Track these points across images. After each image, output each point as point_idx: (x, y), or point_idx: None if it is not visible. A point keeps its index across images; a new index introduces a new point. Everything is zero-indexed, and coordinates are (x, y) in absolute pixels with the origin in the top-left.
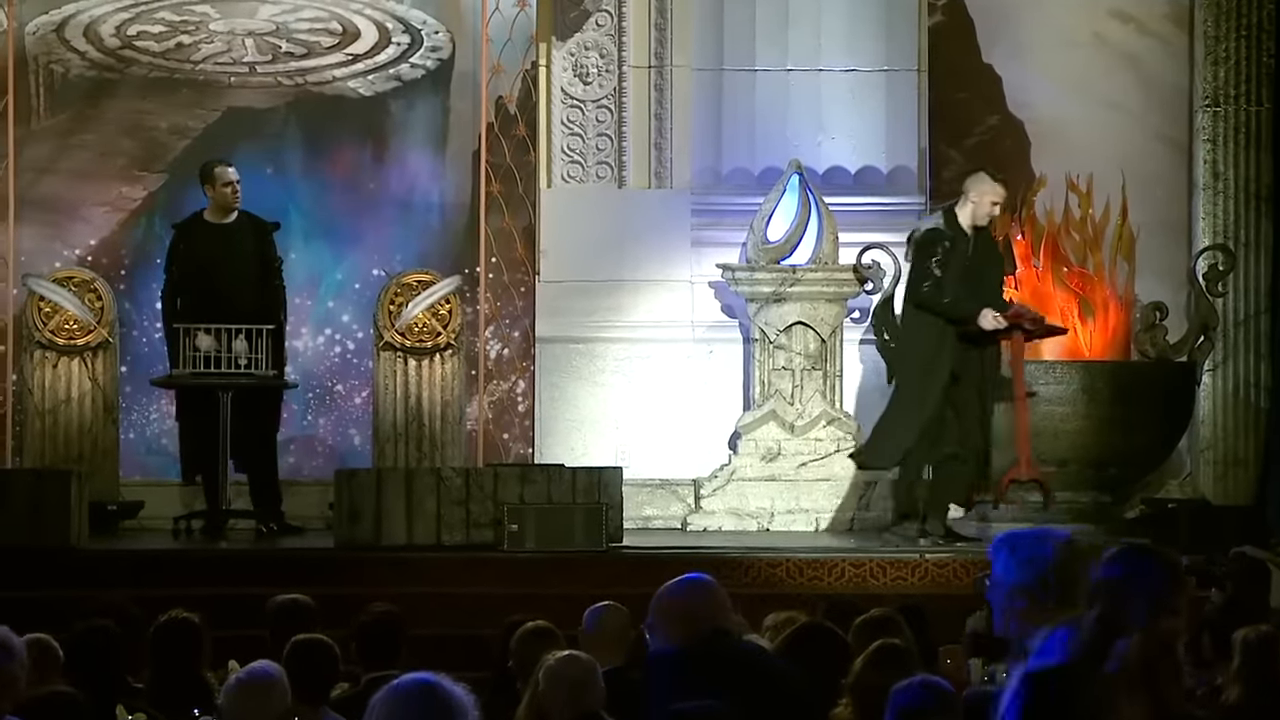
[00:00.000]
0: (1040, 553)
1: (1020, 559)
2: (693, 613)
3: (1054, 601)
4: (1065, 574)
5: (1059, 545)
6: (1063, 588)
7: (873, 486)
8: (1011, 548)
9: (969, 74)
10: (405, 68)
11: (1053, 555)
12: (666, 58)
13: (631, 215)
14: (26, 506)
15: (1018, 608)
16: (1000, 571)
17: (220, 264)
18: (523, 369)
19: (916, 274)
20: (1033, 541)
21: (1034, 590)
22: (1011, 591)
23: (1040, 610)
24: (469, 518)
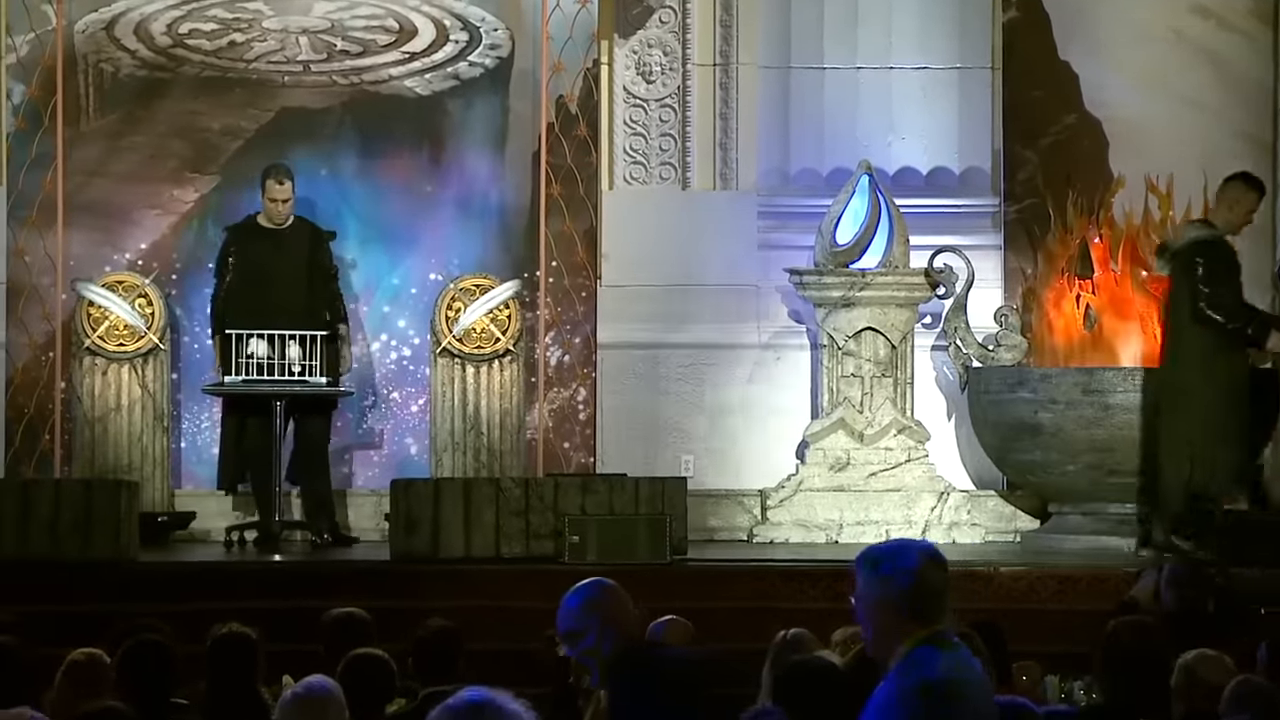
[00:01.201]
0: (903, 567)
1: (883, 573)
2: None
3: (917, 615)
4: (927, 587)
5: (921, 558)
6: (925, 601)
7: (944, 497)
8: (873, 562)
9: (1044, 71)
10: (463, 66)
11: (916, 569)
12: (732, 55)
13: (696, 218)
14: (76, 518)
15: (881, 623)
16: (864, 588)
17: (272, 269)
18: (584, 376)
19: (1211, 285)
20: (895, 556)
21: (897, 604)
22: (874, 607)
23: (901, 625)
24: (528, 529)
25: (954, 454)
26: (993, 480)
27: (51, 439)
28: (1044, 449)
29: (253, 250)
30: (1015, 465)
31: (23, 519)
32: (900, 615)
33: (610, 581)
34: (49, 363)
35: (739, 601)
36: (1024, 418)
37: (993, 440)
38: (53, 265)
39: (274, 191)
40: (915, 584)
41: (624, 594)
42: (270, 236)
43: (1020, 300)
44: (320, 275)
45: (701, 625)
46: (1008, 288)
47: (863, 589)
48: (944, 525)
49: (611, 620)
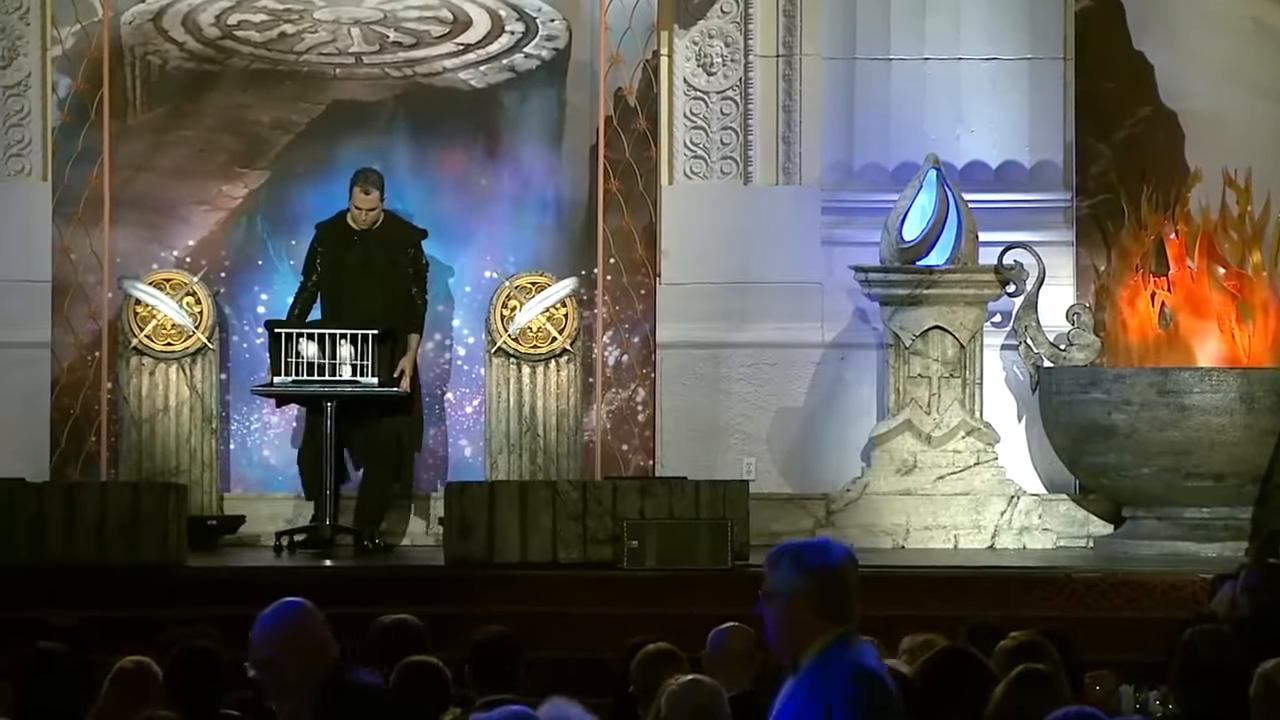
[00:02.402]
0: (825, 562)
1: (804, 568)
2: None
3: (831, 613)
4: (846, 585)
5: (843, 556)
6: (842, 599)
7: (1014, 501)
8: (795, 557)
9: (1118, 62)
10: (519, 58)
11: (836, 565)
12: (795, 46)
13: (758, 213)
14: (123, 521)
15: (795, 619)
16: (781, 582)
17: (353, 271)
18: (643, 376)
19: None
20: (817, 551)
21: (815, 601)
22: (791, 602)
23: (816, 622)
24: (586, 534)
25: (1024, 457)
26: (1065, 484)
27: (98, 441)
28: (1118, 451)
29: (336, 251)
30: (1088, 468)
31: (69, 522)
32: (816, 612)
33: (306, 604)
34: (95, 363)
35: None
36: (1097, 419)
37: (1064, 442)
38: (99, 263)
39: (359, 200)
40: (835, 581)
41: (320, 617)
42: (355, 237)
43: (1093, 298)
44: (400, 278)
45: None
46: (1080, 285)
47: (780, 583)
48: (1014, 530)
49: (307, 646)
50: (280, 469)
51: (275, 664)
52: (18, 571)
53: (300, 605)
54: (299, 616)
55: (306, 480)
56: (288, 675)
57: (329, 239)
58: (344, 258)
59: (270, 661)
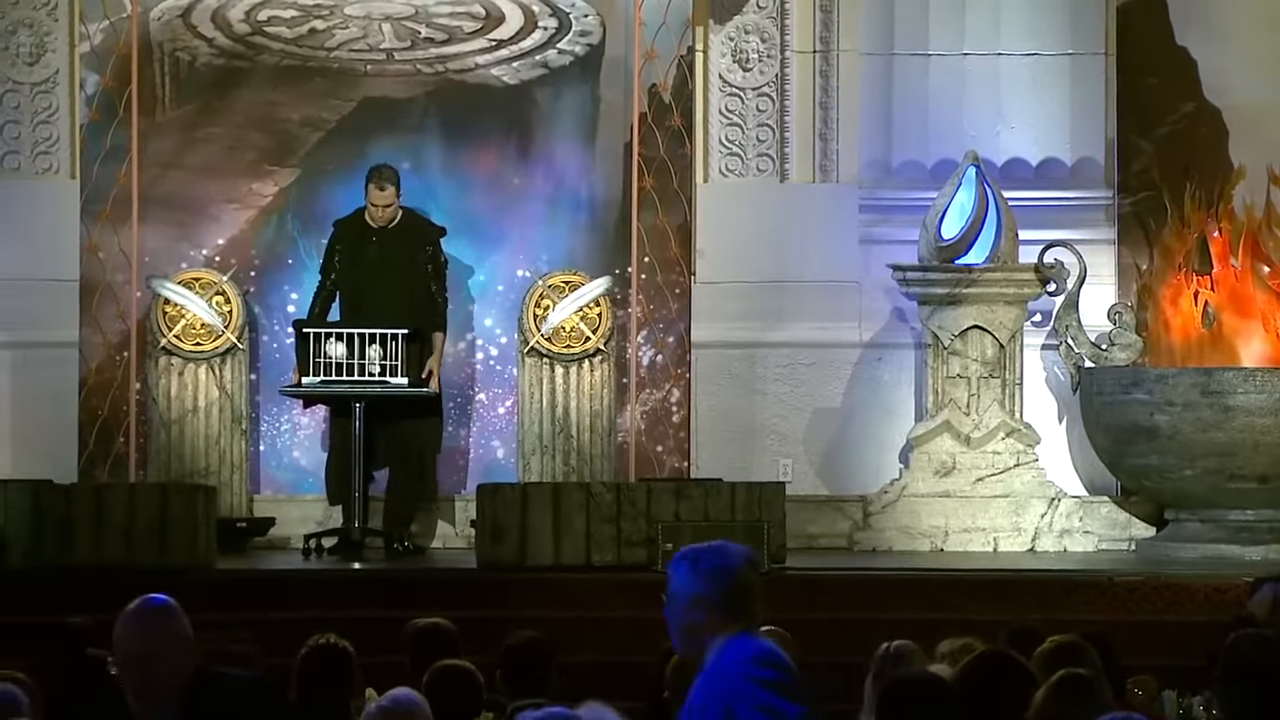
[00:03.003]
0: (724, 565)
1: (703, 571)
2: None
3: (733, 613)
4: (746, 587)
5: (742, 559)
6: (743, 600)
7: (1055, 504)
8: (694, 561)
9: (1161, 57)
10: (552, 54)
11: (736, 568)
12: (832, 41)
13: (794, 211)
14: (152, 523)
15: (697, 621)
16: (681, 586)
17: (371, 270)
18: (677, 376)
19: None
20: (715, 555)
21: (715, 603)
22: (692, 604)
23: (718, 623)
24: (620, 536)
25: (1065, 458)
26: (1106, 486)
27: (126, 442)
28: (1160, 453)
29: (354, 249)
30: (1130, 470)
31: (97, 525)
32: (717, 613)
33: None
34: (123, 363)
35: (840, 612)
36: (1139, 420)
37: (1106, 444)
38: (127, 261)
39: (374, 197)
40: (735, 583)
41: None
42: (373, 235)
43: (1135, 297)
44: (421, 276)
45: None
46: (1122, 284)
47: (682, 586)
48: (1055, 532)
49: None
50: (310, 470)
51: (143, 662)
52: (45, 574)
53: (167, 603)
54: (167, 614)
55: (332, 483)
56: (155, 674)
57: (347, 237)
58: (362, 255)
59: (138, 659)
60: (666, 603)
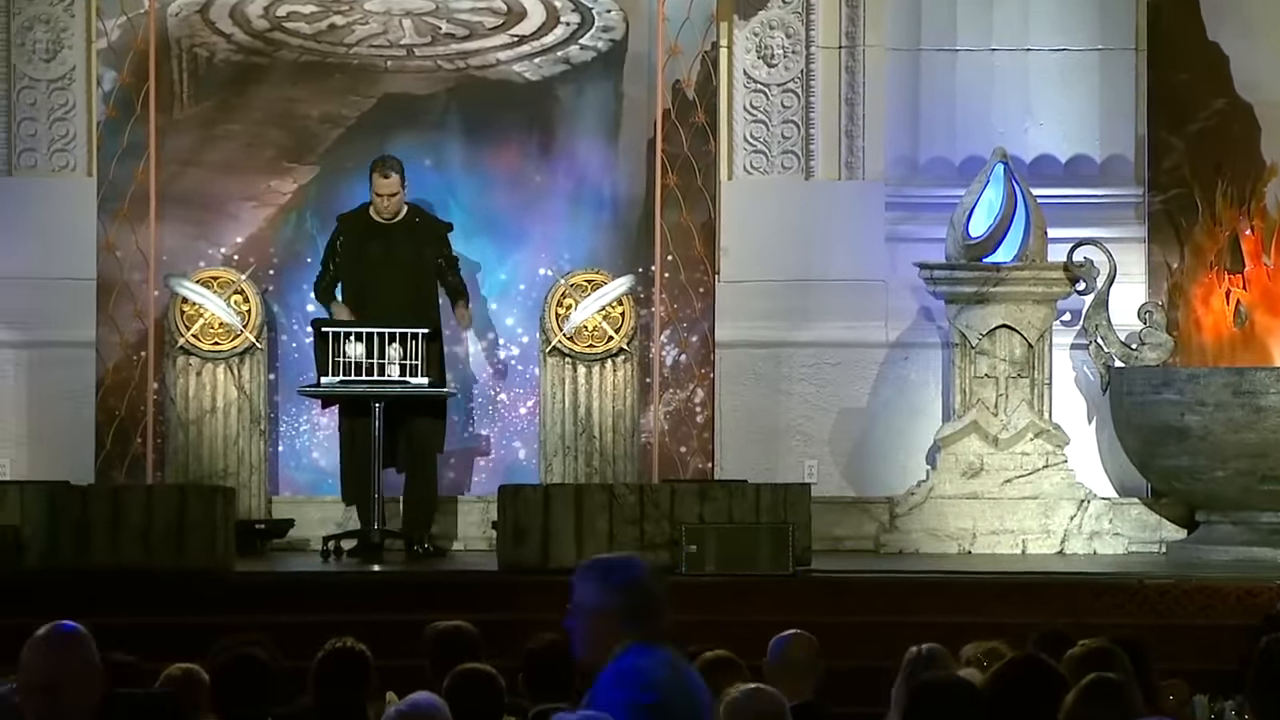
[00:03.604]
0: (632, 577)
1: (613, 584)
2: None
3: (637, 624)
4: (652, 598)
5: (648, 570)
6: (648, 611)
7: (1084, 505)
8: (602, 573)
9: (1192, 53)
10: (575, 50)
11: (643, 580)
12: (858, 37)
13: (820, 209)
14: (170, 525)
15: (604, 632)
16: (590, 597)
17: (377, 265)
18: (701, 376)
19: None
20: (624, 567)
21: (624, 614)
22: (601, 615)
23: (623, 633)
24: (643, 538)
25: (1095, 459)
26: (1136, 487)
27: (144, 442)
28: (1191, 454)
29: (359, 243)
30: (1160, 471)
31: (114, 526)
32: (622, 623)
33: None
34: (141, 362)
35: (866, 615)
36: (1170, 421)
37: (1136, 445)
38: (145, 260)
39: (379, 186)
40: (642, 595)
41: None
42: (379, 230)
43: (1165, 296)
44: (427, 272)
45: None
46: (1152, 283)
47: (590, 598)
48: (1084, 535)
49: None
50: (329, 472)
51: (48, 690)
52: (62, 576)
53: (77, 630)
54: (75, 642)
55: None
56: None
57: (350, 231)
58: (366, 250)
59: (42, 687)
60: (571, 612)
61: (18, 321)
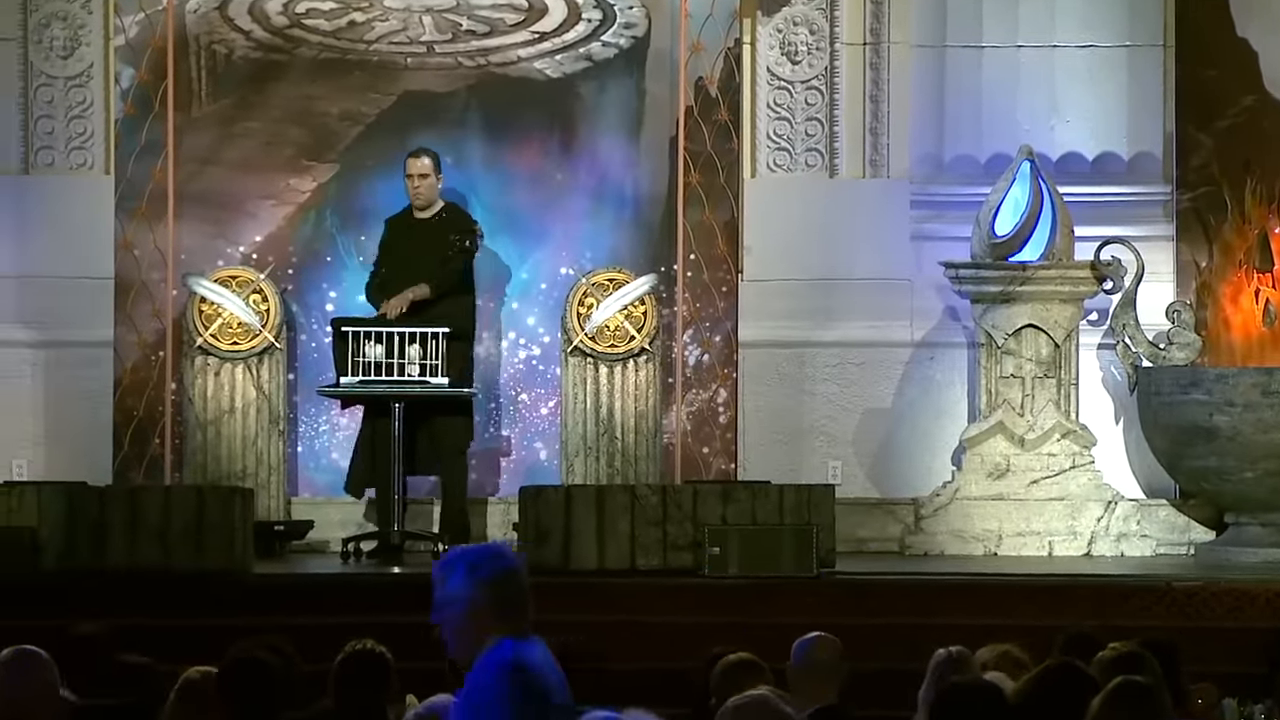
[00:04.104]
0: (502, 568)
1: (482, 577)
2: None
3: (506, 616)
4: (520, 590)
5: (516, 560)
6: (516, 603)
7: (1112, 507)
8: (471, 566)
9: (1221, 49)
10: (596, 47)
11: (513, 571)
12: (883, 33)
13: (844, 208)
14: (188, 527)
15: (474, 623)
16: (458, 589)
17: (406, 257)
18: (724, 376)
19: None
20: (493, 559)
21: (495, 607)
22: (472, 609)
23: (493, 625)
24: (666, 540)
25: (1122, 460)
26: (1164, 488)
27: (162, 443)
28: (1220, 455)
29: (398, 242)
30: (1188, 472)
31: (132, 528)
32: (492, 616)
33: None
34: (159, 363)
35: (891, 618)
36: (1198, 421)
37: (1164, 445)
38: (163, 259)
39: (409, 167)
40: (509, 586)
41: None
42: (415, 228)
43: (1194, 295)
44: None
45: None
46: (1180, 282)
47: (458, 591)
48: (1111, 536)
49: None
50: None
51: (7, 710)
52: (79, 578)
53: (38, 654)
54: (38, 665)
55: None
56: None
57: (394, 230)
58: (400, 247)
59: (9, 713)
60: (437, 606)
61: (35, 321)
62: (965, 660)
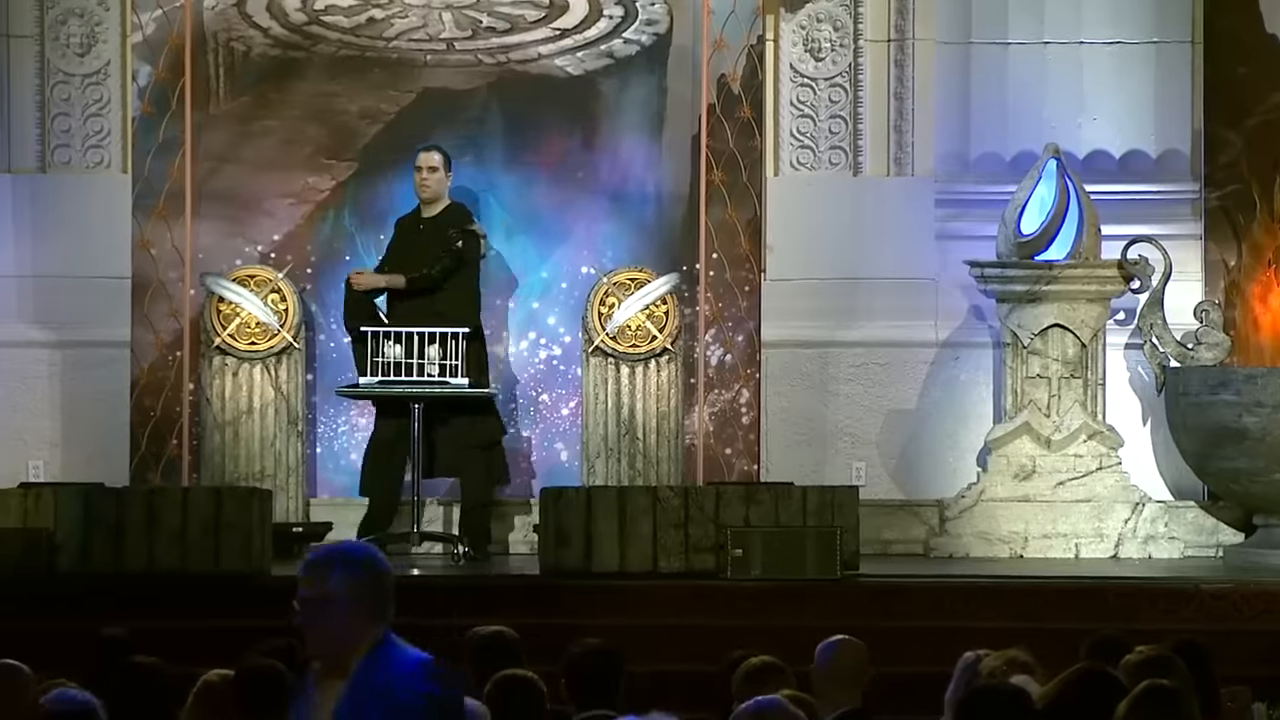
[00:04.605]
0: (376, 567)
1: (358, 575)
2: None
3: (381, 615)
4: (390, 588)
5: (383, 560)
6: (388, 601)
7: (1139, 508)
8: (345, 564)
9: (1250, 46)
10: (618, 44)
11: (383, 569)
12: (908, 30)
13: (868, 206)
14: (206, 528)
15: (352, 622)
16: (336, 587)
17: (409, 256)
18: (747, 377)
19: None
20: (365, 557)
21: (369, 604)
22: (349, 606)
23: (369, 624)
24: (688, 542)
25: (1150, 461)
26: (1192, 490)
27: (179, 444)
28: (1249, 456)
29: (405, 241)
30: (1217, 474)
31: (149, 529)
32: (369, 616)
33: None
34: (176, 363)
35: (915, 621)
36: (1227, 422)
37: (1192, 447)
38: (180, 258)
39: (419, 160)
40: (384, 583)
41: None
42: (421, 226)
43: (1222, 295)
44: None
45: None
46: (1208, 281)
47: (335, 588)
48: (1139, 538)
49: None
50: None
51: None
52: (96, 580)
53: (15, 667)
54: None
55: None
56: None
57: (401, 230)
58: (403, 244)
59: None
60: (314, 604)
61: (51, 321)
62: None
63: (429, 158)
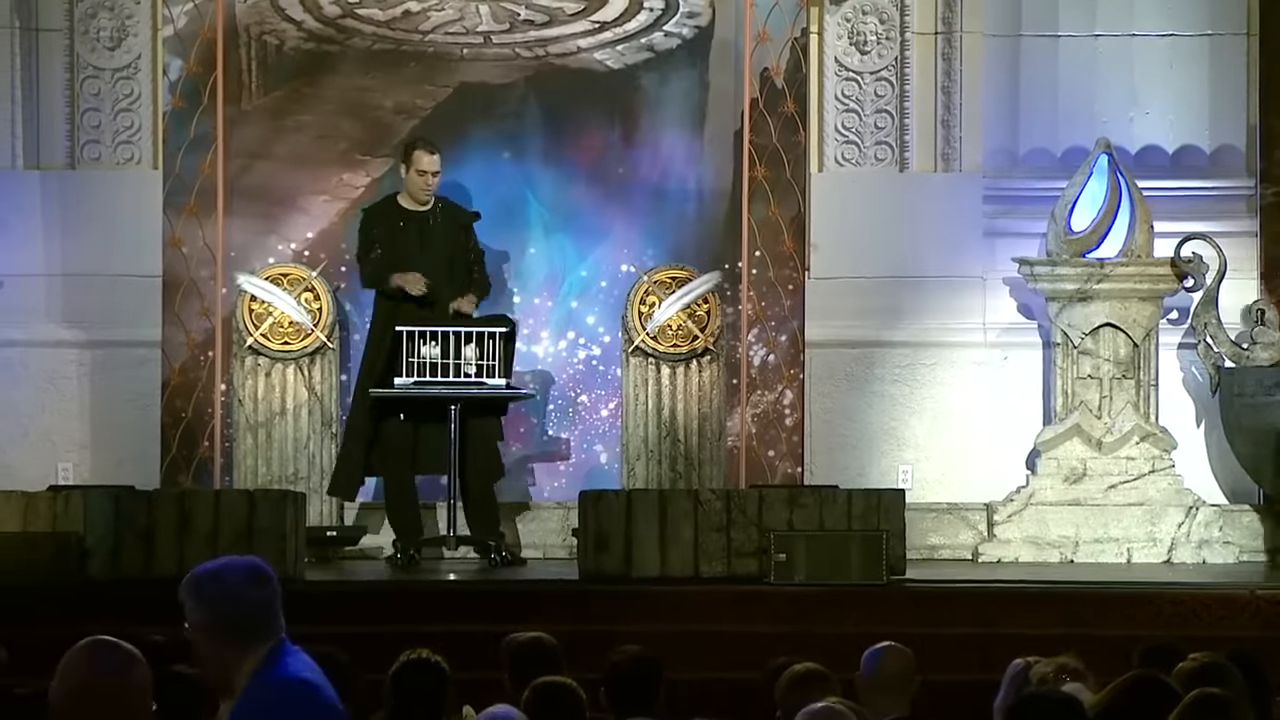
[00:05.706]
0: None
1: (204, 599)
2: None
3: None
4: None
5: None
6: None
7: (1193, 512)
8: (196, 588)
9: None
10: (659, 37)
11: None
12: (955, 23)
13: (915, 203)
14: (238, 532)
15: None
16: (192, 614)
17: (411, 254)
18: (790, 377)
19: None
20: (213, 579)
21: (226, 628)
22: (208, 633)
23: (231, 650)
24: (730, 546)
25: (1203, 464)
26: (1247, 493)
27: (211, 446)
28: None
29: (395, 236)
30: (1273, 477)
31: (180, 533)
32: (233, 638)
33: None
34: (208, 363)
35: (963, 627)
36: None
37: (1247, 449)
38: (212, 256)
39: (423, 163)
40: (239, 604)
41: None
42: (412, 220)
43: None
44: (462, 263)
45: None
46: (1265, 279)
47: (194, 615)
48: (1192, 543)
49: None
50: None
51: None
52: (126, 585)
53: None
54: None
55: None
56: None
57: (382, 222)
58: (399, 240)
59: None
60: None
61: (81, 321)
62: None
63: (435, 161)
